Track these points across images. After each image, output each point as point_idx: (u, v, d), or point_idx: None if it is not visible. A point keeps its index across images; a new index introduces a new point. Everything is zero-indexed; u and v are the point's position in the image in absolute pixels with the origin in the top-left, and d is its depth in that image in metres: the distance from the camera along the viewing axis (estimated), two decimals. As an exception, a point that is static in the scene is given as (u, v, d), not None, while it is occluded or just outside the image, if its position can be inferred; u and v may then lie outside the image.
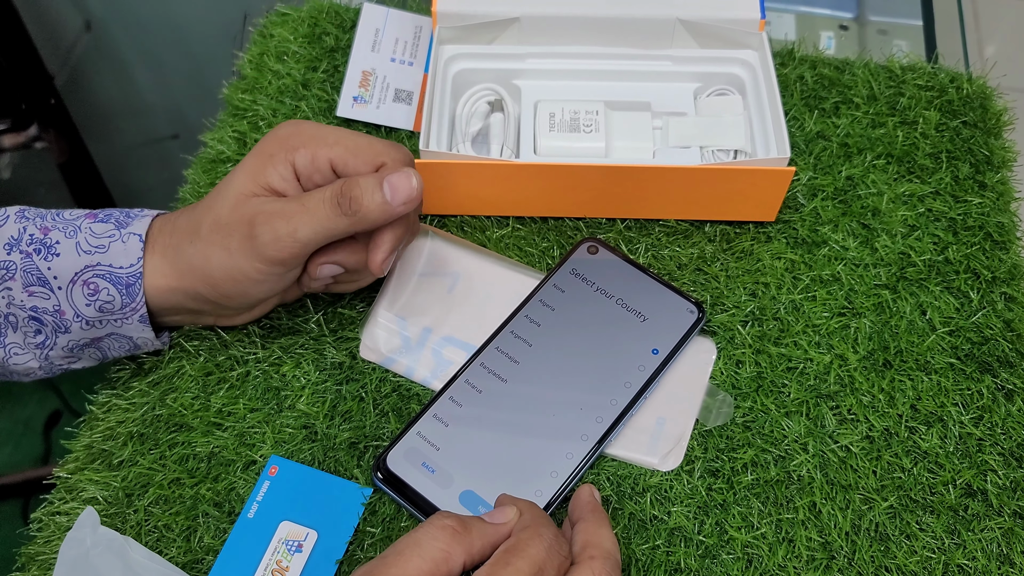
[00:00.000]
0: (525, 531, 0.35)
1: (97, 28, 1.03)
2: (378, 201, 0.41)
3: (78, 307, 0.42)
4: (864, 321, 0.48)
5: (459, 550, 0.34)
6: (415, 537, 0.34)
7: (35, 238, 0.42)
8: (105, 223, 0.43)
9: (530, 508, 0.37)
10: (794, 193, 0.53)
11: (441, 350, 0.47)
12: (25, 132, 0.99)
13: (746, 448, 0.45)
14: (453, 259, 0.50)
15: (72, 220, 0.43)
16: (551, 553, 0.34)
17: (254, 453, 0.44)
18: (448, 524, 0.35)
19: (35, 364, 0.44)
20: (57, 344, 0.43)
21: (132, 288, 0.42)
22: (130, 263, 0.42)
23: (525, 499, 0.38)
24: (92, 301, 0.42)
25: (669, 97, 0.54)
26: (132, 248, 0.43)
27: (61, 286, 0.42)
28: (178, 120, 1.11)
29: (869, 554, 0.42)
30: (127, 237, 0.43)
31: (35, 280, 0.42)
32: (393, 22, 0.60)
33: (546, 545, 0.35)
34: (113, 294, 0.42)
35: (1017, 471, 0.44)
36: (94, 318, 0.42)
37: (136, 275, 0.42)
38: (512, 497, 0.39)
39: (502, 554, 0.34)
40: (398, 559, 0.34)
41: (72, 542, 0.40)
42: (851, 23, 0.71)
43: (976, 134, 0.56)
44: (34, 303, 0.42)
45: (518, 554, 0.34)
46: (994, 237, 0.52)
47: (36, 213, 0.43)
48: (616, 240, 0.51)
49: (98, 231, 0.43)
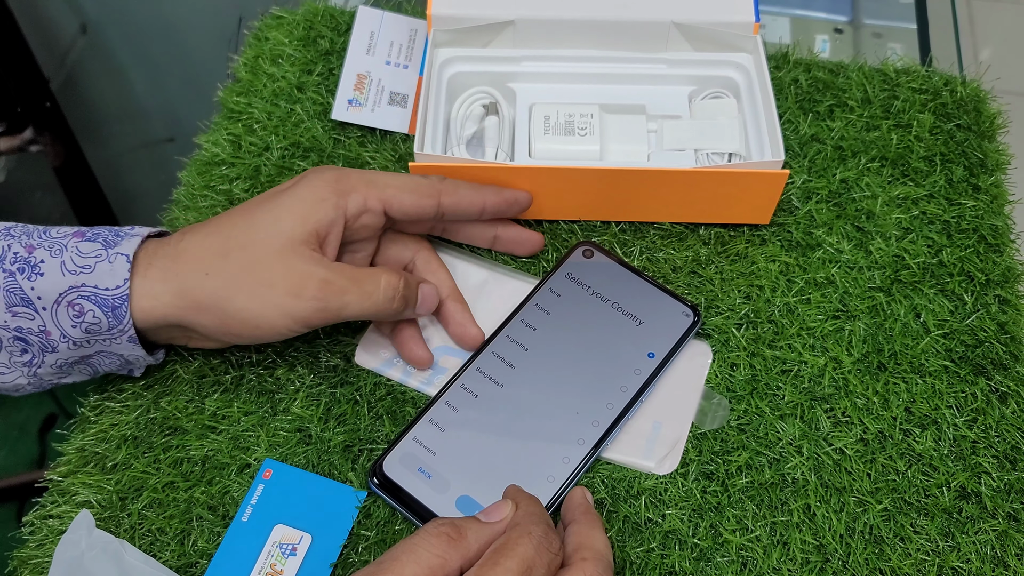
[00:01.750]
0: (515, 529, 0.35)
1: (93, 31, 1.03)
2: (429, 307, 0.46)
3: (64, 328, 0.40)
4: (858, 324, 0.48)
5: (455, 556, 0.34)
6: (411, 543, 0.34)
7: (19, 256, 0.40)
8: (93, 242, 0.41)
9: (527, 503, 0.37)
10: (788, 196, 0.53)
11: (437, 356, 0.47)
12: (20, 135, 0.99)
13: (740, 451, 0.45)
14: (449, 264, 0.50)
15: (59, 238, 0.41)
16: (540, 551, 0.34)
17: (248, 456, 0.44)
18: (444, 531, 0.35)
19: (24, 381, 0.42)
20: (45, 363, 0.42)
21: (119, 311, 0.40)
22: (116, 284, 0.40)
23: (528, 493, 0.38)
24: (78, 323, 0.40)
25: (664, 100, 0.54)
26: (119, 269, 0.40)
27: (46, 306, 0.40)
28: (173, 123, 1.11)
29: (863, 556, 0.42)
30: (114, 257, 0.41)
31: (19, 300, 0.40)
32: (388, 25, 0.60)
33: (535, 543, 0.34)
34: (99, 316, 0.40)
35: (1011, 473, 0.44)
36: (81, 339, 0.41)
37: (123, 297, 0.40)
38: (517, 490, 0.39)
39: (491, 554, 0.34)
40: (393, 564, 0.33)
41: (67, 545, 0.40)
42: (846, 26, 0.71)
43: (970, 137, 0.56)
44: (19, 323, 0.40)
45: (506, 553, 0.34)
46: (988, 240, 0.52)
47: (23, 230, 0.42)
48: (611, 243, 0.52)
49: (85, 250, 0.41)
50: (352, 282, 0.42)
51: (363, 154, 0.55)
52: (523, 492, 0.39)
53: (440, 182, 0.46)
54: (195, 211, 0.53)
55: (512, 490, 0.39)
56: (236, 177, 0.54)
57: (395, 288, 0.43)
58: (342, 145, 0.56)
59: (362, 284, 0.42)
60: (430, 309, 0.46)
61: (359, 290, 0.42)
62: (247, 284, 0.41)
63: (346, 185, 0.43)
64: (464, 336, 0.47)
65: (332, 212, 0.42)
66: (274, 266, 0.41)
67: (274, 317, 0.41)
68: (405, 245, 0.48)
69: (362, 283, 0.42)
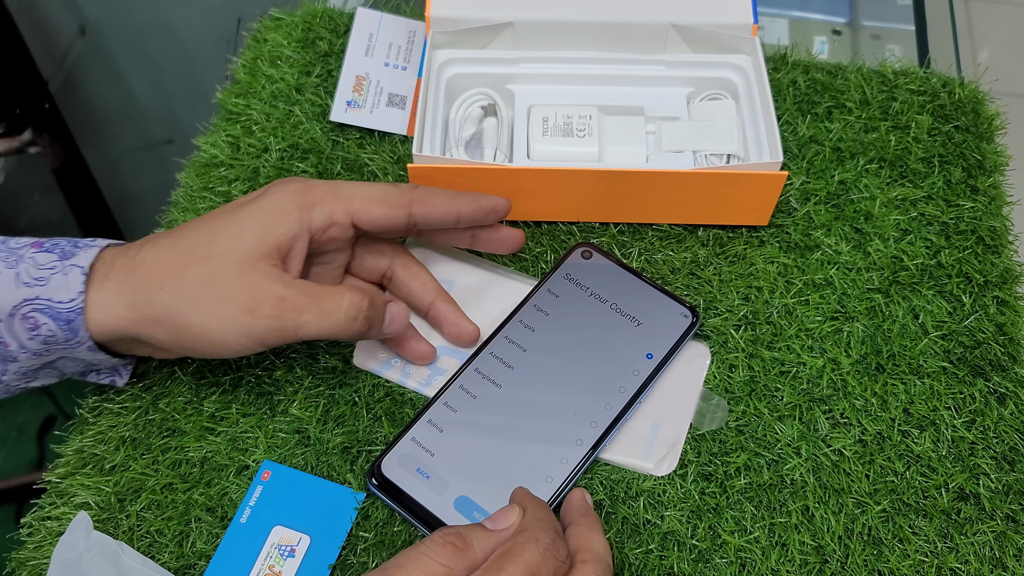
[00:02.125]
0: (522, 535, 0.35)
1: (91, 33, 1.03)
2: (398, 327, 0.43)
3: (21, 340, 0.39)
4: (857, 325, 0.49)
5: (461, 566, 0.34)
6: (416, 552, 0.34)
7: None
8: (50, 253, 0.40)
9: (535, 508, 0.37)
10: (787, 197, 0.53)
11: (435, 357, 0.47)
12: (19, 137, 0.99)
13: (739, 452, 0.45)
14: (446, 265, 0.50)
15: (16, 249, 0.40)
16: (547, 558, 0.34)
17: (247, 458, 0.44)
18: (450, 540, 0.34)
19: None
20: (9, 371, 0.41)
21: (73, 324, 0.39)
22: (70, 298, 0.39)
23: (536, 498, 0.38)
24: (34, 336, 0.39)
25: (662, 101, 0.54)
26: (73, 282, 0.39)
27: (1, 319, 0.39)
28: (172, 124, 1.11)
29: (862, 558, 0.42)
30: (69, 269, 0.39)
31: None
32: (387, 27, 0.60)
33: (542, 550, 0.34)
34: (54, 329, 0.39)
35: (1009, 475, 0.44)
36: (39, 349, 0.40)
37: (77, 311, 0.39)
38: (525, 493, 0.38)
39: (496, 559, 0.34)
40: (398, 572, 0.33)
41: (65, 547, 0.40)
42: (844, 28, 0.71)
43: (968, 138, 0.56)
44: None
45: (512, 559, 0.33)
46: (986, 241, 0.52)
47: None
48: (609, 244, 0.52)
49: (41, 261, 0.39)
50: (311, 300, 0.40)
51: (362, 155, 0.55)
52: (531, 496, 0.38)
53: (412, 191, 0.44)
54: (194, 212, 0.53)
55: (520, 493, 0.38)
56: (235, 179, 0.54)
57: (358, 308, 0.40)
58: (341, 147, 0.56)
59: (321, 303, 0.40)
60: (399, 329, 0.44)
61: (318, 309, 0.40)
62: (203, 299, 0.39)
63: (311, 197, 0.41)
64: (461, 334, 0.47)
65: (295, 226, 0.41)
66: (231, 281, 0.39)
67: (228, 334, 0.39)
68: (381, 253, 0.47)
69: (321, 302, 0.40)
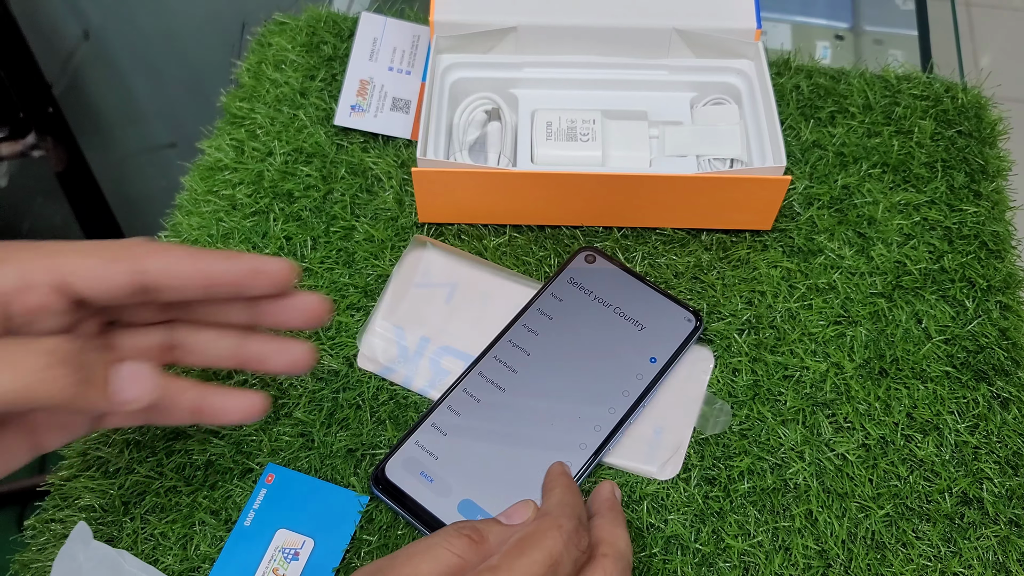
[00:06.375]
0: (545, 519, 0.33)
1: (95, 37, 1.04)
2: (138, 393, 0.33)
3: None
4: (860, 329, 0.49)
5: (475, 558, 0.33)
6: (429, 542, 0.33)
7: None
8: None
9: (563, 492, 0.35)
10: (790, 202, 0.54)
11: (439, 360, 0.47)
12: (23, 140, 0.99)
13: (743, 456, 0.45)
14: (450, 269, 0.50)
15: None
16: (568, 547, 0.33)
17: (251, 461, 0.44)
18: (465, 532, 0.33)
19: None
20: None
21: None
22: None
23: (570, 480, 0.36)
24: None
25: (665, 106, 0.54)
26: None
27: None
28: (176, 128, 1.11)
29: (865, 562, 0.42)
30: None
31: None
32: (391, 31, 0.61)
33: (564, 538, 0.33)
34: None
35: (1013, 479, 0.44)
36: None
37: None
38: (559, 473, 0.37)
39: (518, 542, 0.32)
40: (409, 560, 0.32)
41: (64, 558, 0.40)
42: (847, 33, 0.71)
43: (971, 144, 0.56)
44: None
45: (534, 544, 0.32)
46: (989, 246, 0.52)
47: None
48: (613, 249, 0.52)
49: None
50: None
51: (366, 159, 0.55)
52: (564, 477, 0.37)
53: (141, 244, 0.34)
54: (198, 216, 0.53)
55: (555, 471, 0.37)
56: (239, 182, 0.55)
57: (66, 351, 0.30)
58: (345, 151, 0.56)
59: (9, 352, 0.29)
60: (140, 397, 0.33)
61: None
62: None
63: None
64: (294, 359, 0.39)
65: None
66: None
67: None
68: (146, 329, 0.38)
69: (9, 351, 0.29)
